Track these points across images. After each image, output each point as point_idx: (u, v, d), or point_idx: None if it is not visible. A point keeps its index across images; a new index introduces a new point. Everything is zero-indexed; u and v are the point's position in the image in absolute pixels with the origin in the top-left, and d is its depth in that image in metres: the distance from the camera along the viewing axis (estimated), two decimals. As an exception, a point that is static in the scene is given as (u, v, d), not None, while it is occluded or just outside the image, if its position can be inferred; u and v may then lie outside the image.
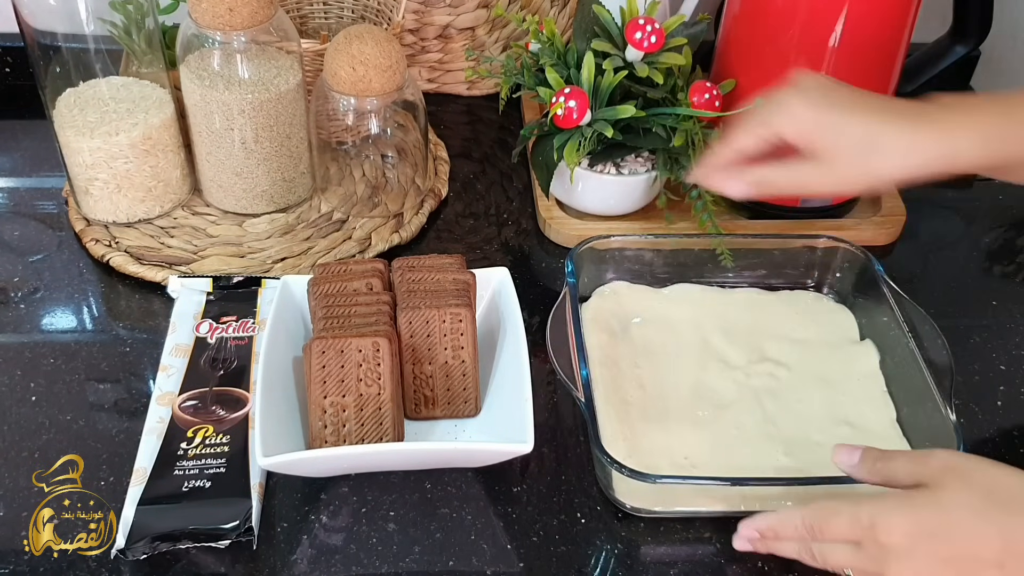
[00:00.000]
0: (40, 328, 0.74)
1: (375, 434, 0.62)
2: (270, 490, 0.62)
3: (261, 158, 0.80)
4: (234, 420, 0.64)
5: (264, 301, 0.73)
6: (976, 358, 0.75)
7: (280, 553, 0.60)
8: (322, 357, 0.61)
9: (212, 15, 0.73)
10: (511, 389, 0.64)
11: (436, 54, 1.01)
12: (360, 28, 0.76)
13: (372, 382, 0.61)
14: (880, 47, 0.76)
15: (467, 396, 0.66)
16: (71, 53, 0.78)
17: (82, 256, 0.80)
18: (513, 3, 0.98)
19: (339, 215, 0.84)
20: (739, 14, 0.79)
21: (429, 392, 0.66)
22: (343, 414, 0.61)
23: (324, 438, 0.61)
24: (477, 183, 0.92)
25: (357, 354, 0.61)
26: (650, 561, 0.61)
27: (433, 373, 0.65)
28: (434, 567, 0.60)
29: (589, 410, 0.62)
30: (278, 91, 0.77)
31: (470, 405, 0.66)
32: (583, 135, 0.77)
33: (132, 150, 0.78)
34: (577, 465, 0.65)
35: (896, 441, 0.66)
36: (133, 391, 0.69)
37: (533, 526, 0.62)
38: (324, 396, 0.61)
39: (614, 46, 0.79)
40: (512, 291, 0.68)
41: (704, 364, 0.71)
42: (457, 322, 0.64)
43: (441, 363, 0.65)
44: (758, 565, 0.61)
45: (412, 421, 0.66)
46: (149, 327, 0.74)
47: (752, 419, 0.67)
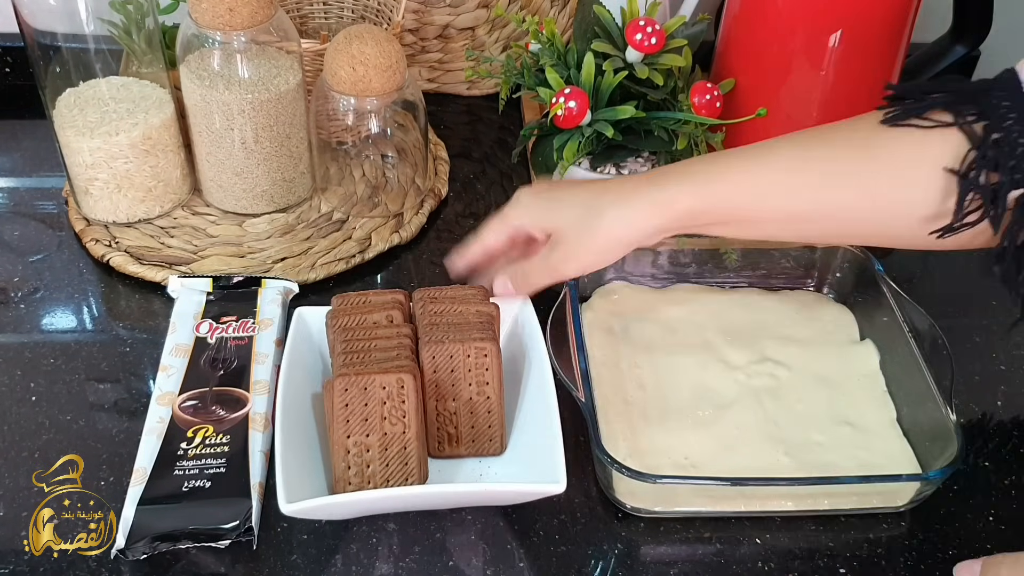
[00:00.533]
0: (40, 328, 0.74)
1: (400, 474, 0.59)
2: (270, 490, 0.62)
3: (261, 158, 0.80)
4: (234, 420, 0.64)
5: (264, 301, 0.73)
6: (976, 358, 0.75)
7: (280, 553, 0.60)
8: (345, 395, 0.59)
9: (212, 15, 0.73)
10: (538, 426, 0.62)
11: (436, 54, 1.01)
12: (360, 28, 0.76)
13: (397, 420, 0.59)
14: (880, 47, 0.76)
15: (492, 434, 0.63)
16: (71, 53, 0.78)
17: (82, 256, 0.80)
18: (513, 3, 0.98)
19: (339, 215, 0.84)
20: (739, 14, 0.79)
21: (453, 430, 0.63)
22: (367, 454, 0.59)
23: (348, 479, 0.59)
24: (477, 183, 0.92)
25: (381, 391, 0.59)
26: (650, 561, 0.61)
27: (457, 410, 0.63)
28: (434, 567, 0.60)
29: (589, 410, 0.62)
30: (278, 91, 0.77)
31: (495, 443, 0.64)
32: (583, 135, 0.77)
33: (132, 150, 0.78)
34: (577, 465, 0.65)
35: (896, 441, 0.66)
36: (133, 391, 0.69)
37: (533, 526, 0.62)
38: (347, 436, 0.59)
39: (614, 47, 0.79)
40: (535, 323, 0.66)
41: (704, 364, 0.71)
42: (482, 356, 0.62)
43: (465, 399, 0.63)
44: (758, 565, 0.61)
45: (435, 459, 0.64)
46: (149, 327, 0.74)
47: (752, 419, 0.67)
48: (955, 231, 0.55)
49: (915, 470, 0.64)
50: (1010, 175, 0.52)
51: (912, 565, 0.61)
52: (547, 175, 0.80)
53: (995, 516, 0.64)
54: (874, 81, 0.78)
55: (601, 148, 0.79)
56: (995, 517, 0.64)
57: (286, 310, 0.74)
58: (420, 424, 0.60)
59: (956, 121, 0.54)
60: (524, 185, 0.68)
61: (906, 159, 0.56)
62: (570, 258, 0.63)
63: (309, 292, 0.78)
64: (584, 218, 0.62)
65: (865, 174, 0.57)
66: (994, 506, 0.65)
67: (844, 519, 0.63)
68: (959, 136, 0.54)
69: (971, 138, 0.53)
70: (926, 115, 0.55)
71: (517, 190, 0.66)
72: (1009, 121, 0.52)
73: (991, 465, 0.68)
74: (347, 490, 0.59)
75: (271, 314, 0.72)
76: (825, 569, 0.61)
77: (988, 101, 0.53)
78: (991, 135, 0.53)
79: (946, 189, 0.55)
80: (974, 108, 0.54)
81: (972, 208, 0.54)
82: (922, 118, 0.55)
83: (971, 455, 0.68)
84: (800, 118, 0.78)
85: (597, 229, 0.61)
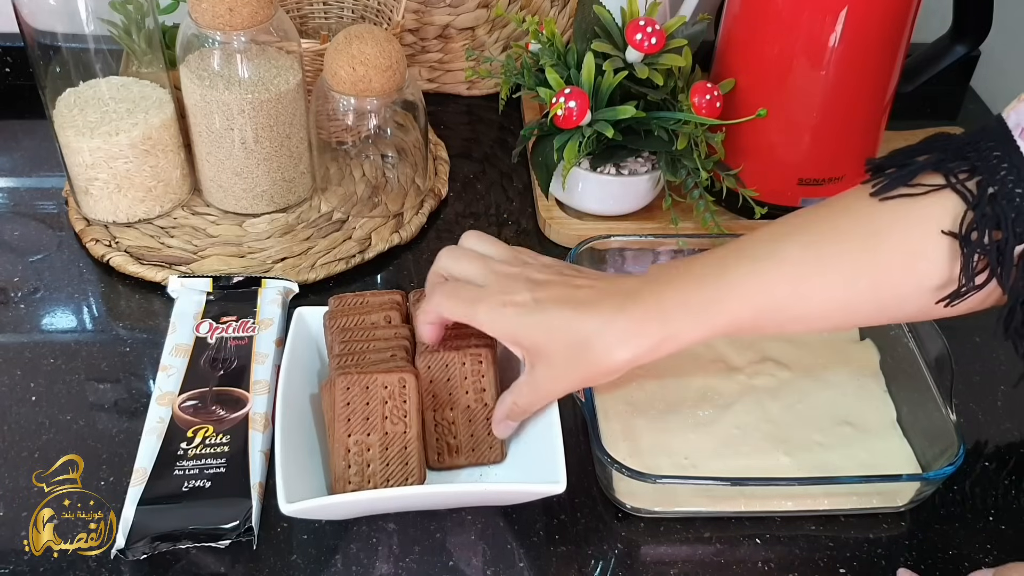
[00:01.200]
0: (40, 328, 0.74)
1: (400, 474, 0.59)
2: (270, 490, 0.62)
3: (261, 158, 0.80)
4: (234, 420, 0.64)
5: (264, 301, 0.73)
6: (976, 358, 0.75)
7: (280, 553, 0.60)
8: (346, 393, 0.59)
9: (212, 15, 0.73)
10: (538, 426, 0.61)
11: (436, 54, 1.01)
12: (360, 28, 0.76)
13: (398, 420, 0.59)
14: (880, 47, 0.76)
15: (492, 442, 0.63)
16: (71, 53, 0.78)
17: (82, 256, 0.80)
18: (513, 3, 0.98)
19: (339, 215, 0.84)
20: (739, 14, 0.79)
21: (452, 439, 0.63)
22: (367, 453, 0.59)
23: (348, 478, 0.59)
24: (477, 183, 0.92)
25: (383, 390, 0.59)
26: (650, 561, 0.61)
27: (456, 419, 0.62)
28: (434, 567, 0.60)
29: (589, 410, 0.62)
30: (278, 91, 0.77)
31: (495, 451, 0.63)
32: (583, 135, 0.77)
33: (132, 150, 0.78)
34: (577, 465, 0.65)
35: (896, 441, 0.66)
36: (133, 391, 0.69)
37: (533, 526, 0.62)
38: (348, 435, 0.59)
39: (614, 47, 0.79)
40: None
41: (705, 364, 0.71)
42: (478, 363, 0.62)
43: (463, 407, 0.62)
44: (758, 565, 0.61)
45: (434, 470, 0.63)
46: (149, 327, 0.74)
47: (752, 419, 0.67)
48: (963, 297, 0.51)
49: (915, 470, 0.64)
50: (1013, 230, 0.48)
51: (912, 565, 0.61)
52: (547, 175, 0.80)
53: (995, 516, 0.64)
54: (874, 81, 0.78)
55: (601, 148, 0.79)
56: (995, 517, 0.64)
57: (286, 310, 0.74)
58: (421, 424, 0.60)
59: (949, 182, 0.50)
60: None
61: (906, 233, 0.51)
62: (562, 383, 0.57)
63: (309, 292, 0.78)
64: (576, 343, 0.54)
65: (874, 263, 0.52)
66: (994, 506, 0.65)
67: (844, 519, 0.63)
68: (955, 197, 0.50)
69: (966, 197, 0.49)
70: (915, 181, 0.51)
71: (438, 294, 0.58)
72: (1003, 172, 0.48)
73: (991, 465, 0.68)
74: (347, 489, 0.59)
75: (271, 314, 0.72)
76: (825, 569, 0.61)
77: (978, 154, 0.50)
78: (987, 190, 0.49)
79: (951, 254, 0.50)
80: (965, 165, 0.50)
81: (979, 269, 0.50)
82: (911, 185, 0.51)
83: (971, 455, 0.68)
84: (800, 118, 0.78)
85: (588, 356, 0.54)
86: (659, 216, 0.84)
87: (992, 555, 0.62)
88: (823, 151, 0.81)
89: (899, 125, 0.84)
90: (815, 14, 0.74)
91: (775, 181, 0.82)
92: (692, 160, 0.78)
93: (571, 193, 0.83)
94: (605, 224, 0.83)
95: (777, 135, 0.80)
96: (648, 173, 0.81)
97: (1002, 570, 0.55)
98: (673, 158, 0.79)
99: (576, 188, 0.82)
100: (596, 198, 0.83)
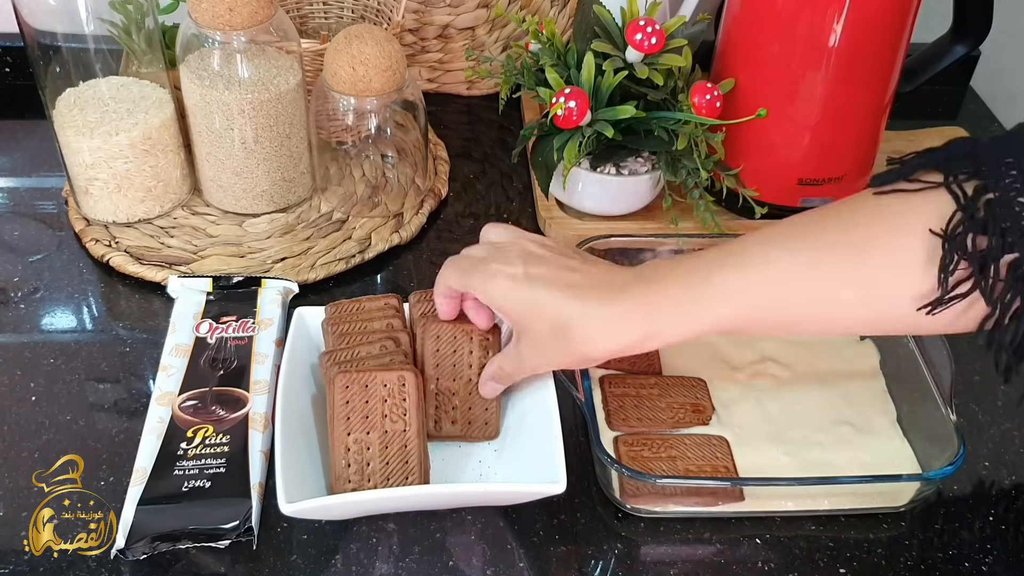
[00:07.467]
0: (40, 328, 0.74)
1: (400, 473, 0.59)
2: (270, 490, 0.62)
3: (261, 158, 0.80)
4: (234, 420, 0.64)
5: (264, 301, 0.73)
6: (976, 358, 0.75)
7: (280, 553, 0.60)
8: (346, 392, 0.59)
9: (212, 15, 0.73)
10: (538, 426, 0.62)
11: (436, 54, 1.01)
12: (360, 28, 0.76)
13: (398, 418, 0.59)
14: (880, 47, 0.76)
15: (488, 418, 0.64)
16: (71, 53, 0.78)
17: (82, 256, 0.80)
18: (513, 3, 0.98)
19: (339, 215, 0.84)
20: (739, 14, 0.79)
21: (451, 410, 0.64)
22: (367, 452, 0.59)
23: (347, 477, 0.59)
24: (477, 183, 0.92)
25: (382, 388, 0.59)
26: (650, 561, 0.61)
27: (457, 390, 0.64)
28: (434, 567, 0.60)
29: (589, 410, 0.62)
30: (278, 91, 0.77)
31: (491, 427, 0.64)
32: (583, 135, 0.77)
33: (132, 150, 0.78)
34: (577, 465, 0.65)
35: (896, 441, 0.66)
36: (133, 391, 0.69)
37: (533, 526, 0.62)
38: (348, 433, 0.59)
39: (614, 47, 0.79)
40: None
41: (705, 364, 0.71)
42: (484, 343, 0.63)
43: (465, 380, 0.63)
44: (758, 565, 0.61)
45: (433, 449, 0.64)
46: (149, 327, 0.74)
47: (752, 419, 0.67)
48: (946, 304, 0.48)
49: (915, 470, 0.64)
50: (1001, 237, 0.46)
51: (912, 565, 0.61)
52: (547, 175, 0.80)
53: (995, 516, 0.64)
54: (874, 81, 0.78)
55: (601, 148, 0.79)
56: (995, 517, 0.64)
57: (286, 310, 0.74)
58: (421, 423, 0.60)
59: (945, 181, 0.48)
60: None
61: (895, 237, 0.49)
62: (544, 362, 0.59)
63: (309, 292, 0.78)
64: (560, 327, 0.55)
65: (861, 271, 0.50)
66: (994, 506, 0.65)
67: (844, 519, 0.63)
68: (947, 197, 0.47)
69: (958, 198, 0.47)
70: (915, 177, 0.49)
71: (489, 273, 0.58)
72: (1008, 179, 0.46)
73: (991, 465, 0.68)
74: (347, 488, 0.59)
75: (271, 314, 0.72)
76: (825, 569, 0.61)
77: (988, 158, 0.47)
78: (983, 195, 0.47)
79: (933, 257, 0.48)
80: (969, 166, 0.48)
81: (962, 278, 0.47)
82: (910, 180, 0.49)
83: (971, 455, 0.68)
84: (800, 118, 0.78)
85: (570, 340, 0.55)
86: (659, 216, 0.84)
87: (992, 555, 0.62)
88: (823, 151, 0.81)
89: (899, 125, 0.84)
90: (815, 14, 0.73)
91: (775, 181, 0.82)
92: (692, 160, 0.78)
93: (571, 193, 0.83)
94: (605, 224, 0.83)
95: (777, 135, 0.80)
96: (648, 173, 0.81)
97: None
98: (673, 158, 0.79)
99: (576, 188, 0.82)
100: (596, 198, 0.83)
